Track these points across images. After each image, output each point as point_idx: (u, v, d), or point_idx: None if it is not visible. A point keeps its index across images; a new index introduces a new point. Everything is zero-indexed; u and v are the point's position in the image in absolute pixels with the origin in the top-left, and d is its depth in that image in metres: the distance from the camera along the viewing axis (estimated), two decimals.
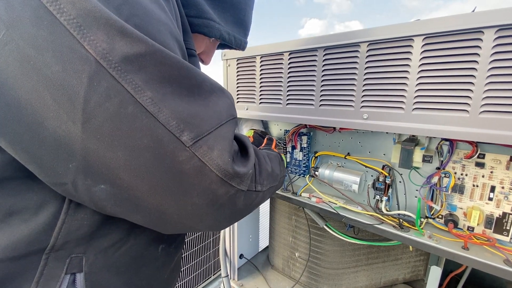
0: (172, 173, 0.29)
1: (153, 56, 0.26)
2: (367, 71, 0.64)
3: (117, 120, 0.25)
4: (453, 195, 0.66)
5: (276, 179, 0.52)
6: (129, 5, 0.26)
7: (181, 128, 0.28)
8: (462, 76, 0.52)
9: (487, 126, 0.51)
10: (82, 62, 0.24)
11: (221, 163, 0.31)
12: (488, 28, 0.49)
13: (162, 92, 0.27)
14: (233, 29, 0.52)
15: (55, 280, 0.31)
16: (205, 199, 0.31)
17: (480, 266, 0.57)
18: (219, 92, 0.35)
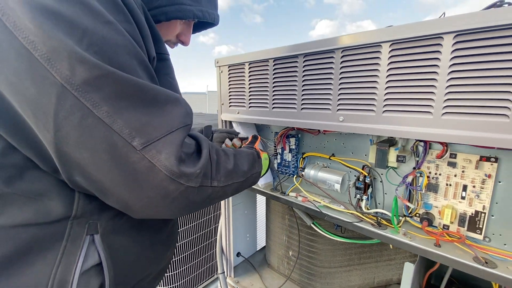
0: (128, 171, 0.36)
1: (108, 78, 0.33)
2: (341, 76, 0.67)
3: (80, 130, 0.33)
4: (428, 194, 0.68)
5: (241, 176, 0.56)
6: (88, 37, 0.33)
7: (132, 135, 0.35)
8: (425, 80, 0.55)
9: (449, 126, 0.53)
10: (51, 86, 0.31)
11: (168, 164, 0.37)
12: (447, 34, 0.51)
13: (118, 106, 0.34)
14: (206, 5, 0.59)
15: (79, 239, 0.43)
16: (158, 193, 0.38)
17: (450, 262, 0.59)
18: (174, 103, 0.40)
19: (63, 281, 0.41)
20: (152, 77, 0.42)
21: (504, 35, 0.46)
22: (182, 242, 1.62)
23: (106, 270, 0.44)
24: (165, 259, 0.61)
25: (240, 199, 1.24)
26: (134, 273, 0.52)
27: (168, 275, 1.60)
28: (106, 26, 0.35)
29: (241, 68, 0.94)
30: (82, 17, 0.33)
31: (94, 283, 0.44)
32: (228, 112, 1.02)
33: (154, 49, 0.46)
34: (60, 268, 0.41)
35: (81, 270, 0.42)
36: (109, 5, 0.37)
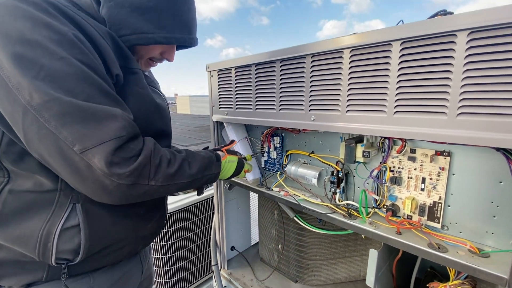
0: (74, 168, 0.50)
1: (55, 102, 0.47)
2: (312, 79, 0.74)
3: (38, 136, 0.48)
4: (394, 187, 0.73)
5: (186, 177, 0.66)
6: (44, 71, 0.47)
7: (73, 143, 0.48)
8: (377, 82, 0.61)
9: (401, 123, 0.59)
10: (19, 106, 0.47)
11: (100, 166, 0.50)
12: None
13: (63, 121, 0.48)
14: (173, 30, 0.67)
15: (64, 205, 0.59)
16: (97, 185, 0.52)
17: (408, 248, 0.64)
18: (111, 118, 0.52)
19: (49, 233, 0.57)
20: (107, 93, 0.54)
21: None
22: (178, 239, 1.70)
23: (82, 229, 0.60)
24: (144, 230, 0.74)
25: (234, 195, 1.31)
26: (108, 234, 0.65)
27: (164, 270, 1.69)
28: (59, 61, 0.48)
29: (228, 73, 1.02)
30: (41, 57, 0.47)
31: (73, 238, 0.60)
32: (218, 114, 1.10)
33: (118, 67, 0.59)
34: (48, 223, 0.58)
35: (62, 227, 0.58)
36: (65, 43, 0.50)
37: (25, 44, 0.47)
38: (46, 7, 0.51)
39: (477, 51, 0.49)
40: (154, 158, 0.58)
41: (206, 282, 1.92)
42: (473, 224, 0.64)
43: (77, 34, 0.52)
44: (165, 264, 1.69)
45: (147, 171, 0.56)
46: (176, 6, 0.67)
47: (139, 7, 0.63)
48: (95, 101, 0.51)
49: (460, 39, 0.51)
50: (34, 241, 0.57)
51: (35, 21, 0.48)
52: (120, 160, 0.52)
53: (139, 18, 0.63)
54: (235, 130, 1.10)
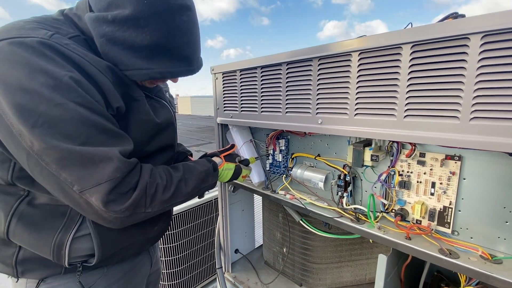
0: (75, 202, 0.55)
1: (53, 149, 0.50)
2: (319, 82, 0.73)
3: (42, 176, 0.53)
4: (402, 191, 0.72)
5: (182, 196, 0.69)
6: (42, 118, 0.50)
7: (72, 184, 0.53)
8: (387, 86, 0.60)
9: (411, 127, 0.58)
10: (23, 149, 0.51)
11: (97, 204, 0.54)
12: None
13: (62, 165, 0.52)
14: (170, 65, 0.65)
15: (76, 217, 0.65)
16: (97, 216, 0.57)
17: (418, 254, 0.63)
18: (107, 161, 0.55)
19: (61, 243, 0.62)
20: (105, 130, 0.56)
21: None
22: (179, 243, 1.69)
23: (94, 239, 0.65)
24: (152, 232, 0.79)
25: (238, 197, 1.30)
26: (118, 241, 0.70)
27: (168, 272, 1.68)
28: (56, 107, 0.50)
29: (233, 75, 1.01)
30: (39, 105, 0.50)
31: (85, 245, 0.65)
32: (223, 116, 1.10)
33: (119, 99, 0.61)
34: (60, 234, 0.63)
35: (73, 236, 0.63)
36: (62, 87, 0.51)
37: (24, 93, 0.49)
38: (43, 50, 0.52)
39: (491, 55, 0.48)
40: (150, 189, 0.61)
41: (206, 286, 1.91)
42: (485, 230, 0.62)
43: (74, 76, 0.53)
44: (166, 266, 1.69)
45: (143, 201, 0.60)
46: (174, 41, 0.63)
47: (131, 46, 0.61)
48: (93, 140, 0.54)
49: (473, 43, 0.50)
50: (48, 248, 0.62)
51: (31, 68, 0.50)
52: (116, 197, 0.55)
53: (132, 56, 0.62)
54: (240, 133, 1.09)
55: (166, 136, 0.79)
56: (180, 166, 0.74)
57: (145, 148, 0.72)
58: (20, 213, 0.62)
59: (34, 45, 0.51)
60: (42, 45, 0.52)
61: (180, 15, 0.62)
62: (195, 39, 0.68)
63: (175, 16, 0.62)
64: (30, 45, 0.51)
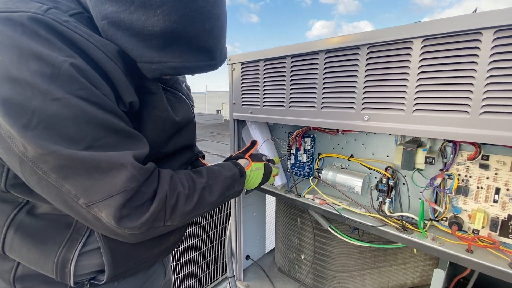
0: (82, 217, 0.45)
1: (51, 155, 0.40)
2: (367, 73, 0.64)
3: (40, 187, 0.43)
4: (457, 197, 0.65)
5: (206, 206, 0.59)
6: (36, 116, 0.39)
7: (78, 197, 0.43)
8: (461, 77, 0.52)
9: (487, 126, 0.51)
10: (15, 155, 0.40)
11: (109, 220, 0.44)
12: (487, 29, 0.49)
13: (63, 174, 0.41)
14: (187, 58, 0.52)
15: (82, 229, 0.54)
16: (109, 232, 0.47)
17: (484, 269, 0.56)
18: (119, 168, 0.44)
19: (66, 259, 0.53)
20: (116, 129, 0.46)
21: None
22: (183, 246, 1.58)
23: (104, 253, 0.55)
24: (168, 242, 0.69)
25: (250, 200, 1.21)
26: (131, 256, 0.60)
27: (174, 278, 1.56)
28: (54, 103, 0.40)
29: (255, 66, 0.91)
30: (32, 100, 0.39)
31: (94, 261, 0.55)
32: (240, 111, 0.99)
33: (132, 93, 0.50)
34: (64, 248, 0.52)
35: (80, 251, 0.53)
36: (61, 77, 0.40)
37: (12, 84, 0.38)
38: (36, 29, 0.40)
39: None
40: (170, 199, 0.51)
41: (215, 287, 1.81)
42: None
43: (76, 62, 0.42)
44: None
45: (163, 214, 0.51)
46: (193, 28, 0.50)
47: (140, 32, 0.48)
48: (101, 143, 0.44)
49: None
50: (50, 266, 0.52)
51: (21, 52, 0.39)
52: (131, 211, 0.46)
53: (140, 45, 0.49)
54: (260, 130, 0.99)
55: (185, 135, 0.69)
56: (203, 171, 0.63)
57: (162, 150, 0.61)
58: (18, 224, 0.52)
59: (24, 22, 0.40)
60: (34, 22, 0.40)
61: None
62: (220, 26, 0.55)
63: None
64: (19, 22, 0.40)
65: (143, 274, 0.70)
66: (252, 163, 0.76)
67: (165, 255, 0.74)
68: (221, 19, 0.55)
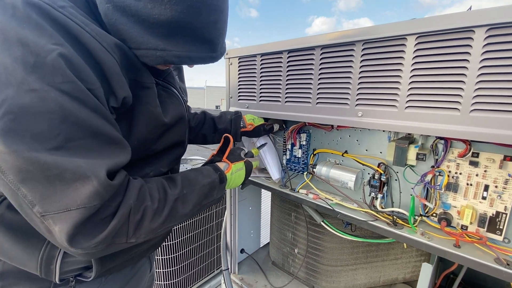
0: (36, 225, 0.41)
1: (10, 155, 0.36)
2: (361, 69, 0.65)
3: None
4: (447, 194, 0.66)
5: (178, 219, 0.56)
6: (5, 106, 0.36)
7: (33, 204, 0.39)
8: (453, 75, 0.53)
9: (477, 124, 0.52)
10: None
11: (61, 237, 0.40)
12: (479, 27, 0.49)
13: (21, 177, 0.38)
14: (191, 48, 0.53)
15: None
16: (64, 248, 0.42)
17: (471, 264, 0.57)
18: (84, 181, 0.40)
19: (51, 256, 0.51)
20: (96, 133, 0.42)
21: None
22: (180, 239, 1.59)
23: None
24: (157, 237, 0.68)
25: (245, 195, 1.21)
26: (121, 252, 0.58)
27: (164, 272, 1.58)
28: (29, 94, 0.37)
29: (252, 60, 0.91)
30: (6, 87, 0.36)
31: (80, 259, 0.54)
32: (237, 106, 0.99)
33: (126, 88, 0.48)
34: (50, 245, 0.51)
35: None
36: (44, 68, 0.37)
37: None
38: (28, 12, 0.38)
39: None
40: (135, 215, 0.47)
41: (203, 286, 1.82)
42: None
43: (65, 52, 0.39)
44: (164, 265, 1.58)
45: (125, 231, 0.46)
46: (198, 19, 0.50)
47: (145, 20, 0.48)
48: (75, 144, 0.40)
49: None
50: (34, 263, 0.51)
51: (6, 35, 0.37)
52: (87, 229, 0.42)
53: (145, 32, 0.49)
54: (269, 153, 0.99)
55: (177, 132, 0.66)
56: (177, 178, 0.58)
57: (152, 147, 0.60)
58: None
59: (17, 4, 0.38)
60: (27, 5, 0.38)
61: None
62: (223, 19, 0.56)
63: None
64: (10, 4, 0.38)
65: (130, 269, 0.70)
66: (232, 165, 0.71)
67: (153, 250, 0.74)
68: (225, 12, 0.55)
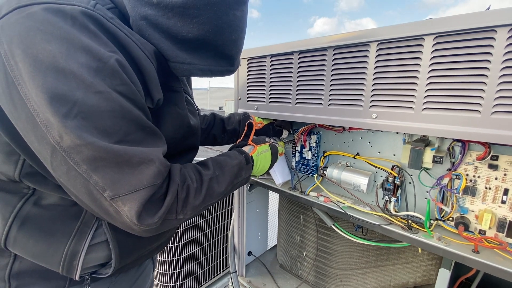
0: (103, 209, 0.45)
1: (87, 146, 0.40)
2: (376, 70, 0.64)
3: (67, 177, 0.43)
4: (464, 197, 0.64)
5: (214, 198, 0.60)
6: (77, 107, 0.40)
7: (104, 189, 0.43)
8: (473, 76, 0.52)
9: (499, 126, 0.50)
10: (47, 144, 0.41)
11: (129, 215, 0.44)
12: (501, 27, 0.48)
13: (94, 166, 0.42)
14: (212, 62, 0.58)
15: (90, 222, 0.55)
16: (126, 227, 0.47)
17: (490, 270, 0.55)
18: (147, 164, 0.46)
19: (75, 251, 0.53)
20: (144, 126, 0.47)
21: None
22: (186, 241, 1.58)
23: (112, 246, 0.56)
24: (164, 237, 0.71)
25: (253, 197, 1.20)
26: (136, 248, 0.62)
27: (170, 273, 1.57)
28: (96, 95, 0.41)
29: (261, 61, 0.90)
30: (75, 90, 0.40)
31: (101, 254, 0.56)
32: (245, 107, 0.98)
33: (160, 91, 0.53)
34: (74, 241, 0.53)
35: (89, 244, 0.54)
36: (105, 72, 0.42)
37: (58, 74, 0.40)
38: (86, 23, 0.42)
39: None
40: (181, 192, 0.53)
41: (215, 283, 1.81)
42: None
43: (120, 59, 0.44)
44: (170, 267, 1.57)
45: (174, 207, 0.52)
46: (222, 38, 0.56)
47: (175, 36, 0.53)
48: (131, 138, 0.46)
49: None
50: (58, 258, 0.53)
51: (71, 44, 0.41)
52: (151, 206, 0.47)
53: (174, 47, 0.54)
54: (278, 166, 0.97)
55: (195, 138, 0.70)
56: (209, 162, 0.64)
57: (175, 147, 0.62)
58: (24, 216, 0.51)
59: (76, 15, 0.41)
60: (85, 17, 0.42)
61: (235, 10, 0.55)
62: (242, 37, 0.61)
63: (230, 10, 0.54)
64: (70, 15, 0.41)
65: (136, 270, 0.72)
66: (258, 146, 0.76)
67: (159, 250, 0.76)
68: (244, 31, 0.61)
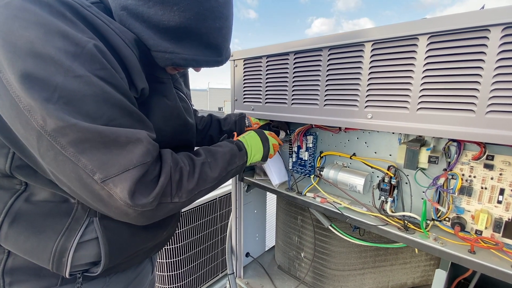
0: (94, 195, 0.45)
1: (71, 128, 0.40)
2: (371, 70, 0.63)
3: (55, 163, 0.42)
4: (460, 198, 0.64)
5: (209, 182, 0.60)
6: (58, 91, 0.40)
7: (94, 171, 0.43)
8: (467, 75, 0.51)
9: (494, 126, 0.50)
10: (32, 130, 0.40)
11: (122, 197, 0.44)
12: (495, 26, 0.48)
13: (81, 148, 0.42)
14: (197, 52, 0.57)
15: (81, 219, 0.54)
16: (120, 212, 0.46)
17: (486, 270, 0.55)
18: (135, 142, 0.46)
19: (64, 248, 0.53)
20: (130, 112, 0.47)
21: None
22: (184, 242, 1.57)
23: (102, 244, 0.55)
24: (162, 236, 0.70)
25: (251, 198, 1.20)
26: (127, 247, 0.61)
27: (168, 275, 1.56)
28: (76, 80, 0.41)
29: (257, 62, 0.90)
30: (55, 75, 0.40)
31: (91, 252, 0.55)
32: (242, 108, 0.98)
33: (144, 80, 0.52)
34: (63, 237, 0.53)
35: (79, 241, 0.53)
36: (84, 56, 0.42)
37: (36, 59, 0.40)
38: (62, 10, 0.43)
39: None
40: (175, 174, 0.53)
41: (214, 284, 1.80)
42: None
43: (98, 44, 0.44)
44: (168, 269, 1.57)
45: (169, 189, 0.52)
46: (204, 25, 0.54)
47: (156, 25, 0.52)
48: (116, 123, 0.45)
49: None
50: (48, 255, 0.52)
51: (48, 29, 0.41)
52: (144, 186, 0.47)
53: (156, 36, 0.53)
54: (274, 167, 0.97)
55: (190, 135, 0.70)
56: (200, 150, 0.64)
57: (167, 142, 0.62)
58: (15, 212, 0.52)
59: (52, 3, 0.42)
60: (61, 4, 0.43)
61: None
62: (228, 26, 0.59)
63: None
64: (46, 2, 0.42)
65: (133, 270, 0.71)
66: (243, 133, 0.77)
67: (157, 250, 0.76)
68: (229, 19, 0.59)
